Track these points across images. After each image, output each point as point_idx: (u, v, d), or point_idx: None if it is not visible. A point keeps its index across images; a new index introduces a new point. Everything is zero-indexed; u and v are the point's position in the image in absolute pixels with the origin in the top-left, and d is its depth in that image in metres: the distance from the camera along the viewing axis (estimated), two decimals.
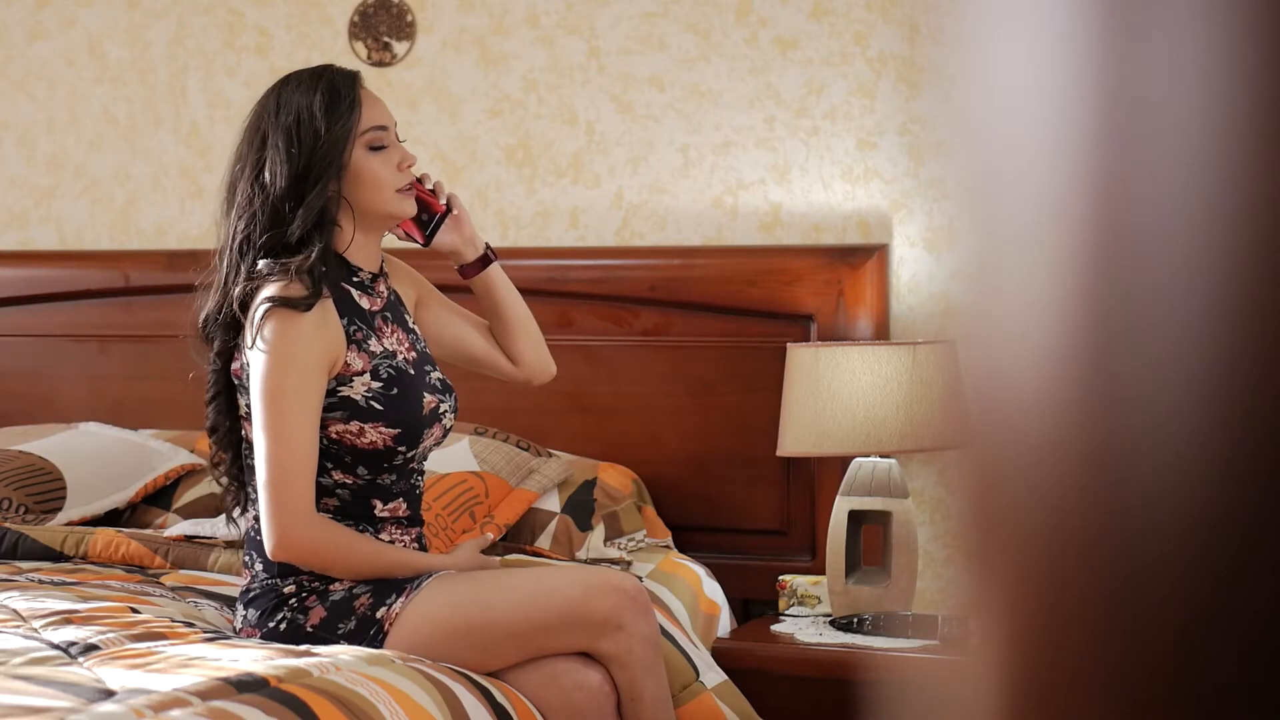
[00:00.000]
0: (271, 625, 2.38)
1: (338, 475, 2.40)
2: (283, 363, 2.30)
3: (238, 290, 2.38)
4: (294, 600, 2.38)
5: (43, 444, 3.40)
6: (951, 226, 0.56)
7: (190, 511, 3.27)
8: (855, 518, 2.96)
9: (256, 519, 2.40)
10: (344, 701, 2.03)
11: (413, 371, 2.45)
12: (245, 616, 2.43)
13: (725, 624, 3.10)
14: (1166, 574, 0.48)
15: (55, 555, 2.99)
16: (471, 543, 2.57)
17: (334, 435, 2.37)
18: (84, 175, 3.94)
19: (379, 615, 2.34)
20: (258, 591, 2.42)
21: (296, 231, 2.35)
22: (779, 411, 3.06)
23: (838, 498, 2.97)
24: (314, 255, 2.35)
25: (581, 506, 3.11)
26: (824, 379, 2.93)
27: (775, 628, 2.99)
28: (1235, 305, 0.47)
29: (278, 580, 2.39)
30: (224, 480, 2.49)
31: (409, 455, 2.43)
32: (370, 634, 2.33)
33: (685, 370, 3.35)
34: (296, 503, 2.30)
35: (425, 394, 2.45)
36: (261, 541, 2.37)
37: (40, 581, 2.71)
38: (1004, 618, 0.53)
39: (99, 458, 3.39)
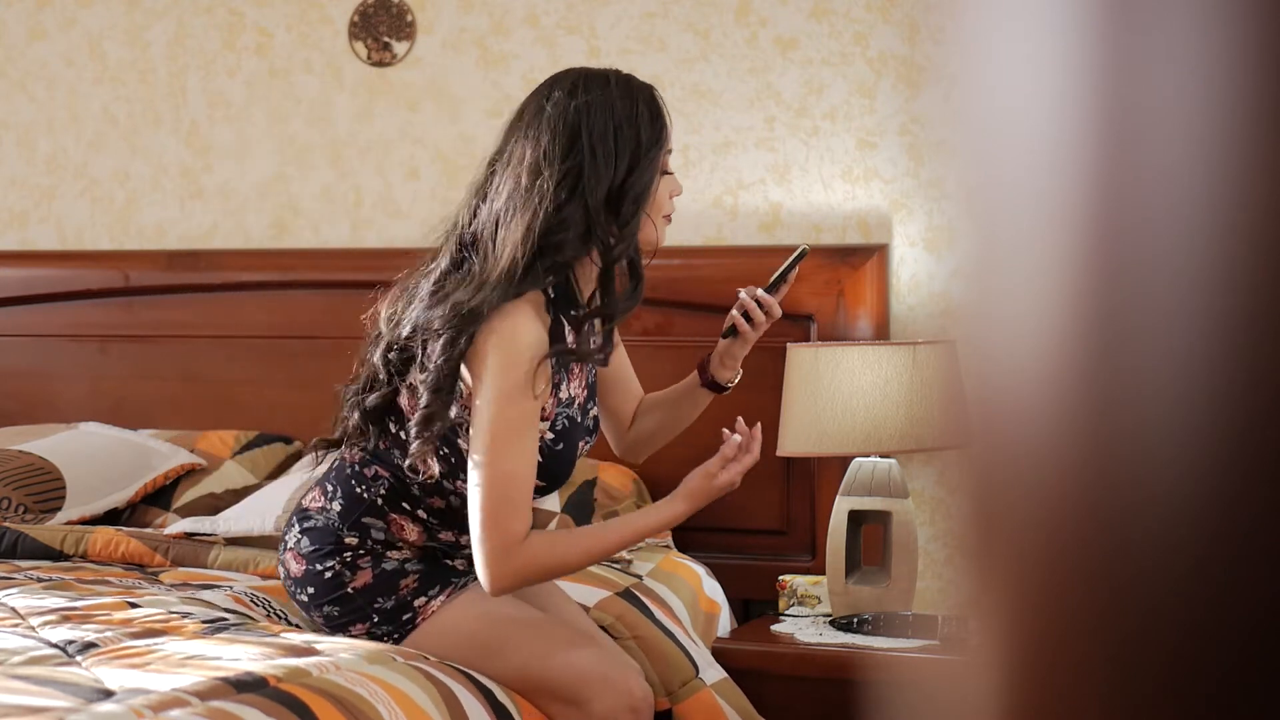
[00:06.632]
0: (319, 569, 2.35)
1: (436, 502, 2.34)
2: (516, 394, 2.16)
3: (492, 285, 2.18)
4: (349, 555, 2.33)
5: (43, 444, 3.41)
6: (951, 226, 0.56)
7: (189, 511, 3.27)
8: (855, 518, 2.95)
9: (373, 455, 2.30)
10: (343, 701, 2.02)
11: (579, 419, 2.33)
12: (298, 540, 2.37)
13: (725, 624, 3.10)
14: (1167, 575, 0.48)
15: (55, 554, 2.99)
16: (698, 472, 2.35)
17: None
18: (84, 175, 3.94)
19: (417, 604, 2.34)
20: (320, 525, 2.36)
21: (611, 253, 2.23)
22: (779, 411, 3.06)
23: (838, 498, 2.97)
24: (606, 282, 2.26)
25: (582, 506, 3.11)
26: (824, 379, 2.93)
27: (775, 627, 2.98)
28: (1236, 305, 0.47)
29: (344, 529, 2.34)
30: (356, 417, 2.31)
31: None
32: (402, 619, 2.33)
33: (685, 370, 3.33)
34: (511, 540, 2.18)
35: (580, 442, 2.34)
36: (352, 481, 2.31)
37: (39, 579, 2.71)
38: (1004, 618, 0.53)
39: (99, 458, 3.39)
